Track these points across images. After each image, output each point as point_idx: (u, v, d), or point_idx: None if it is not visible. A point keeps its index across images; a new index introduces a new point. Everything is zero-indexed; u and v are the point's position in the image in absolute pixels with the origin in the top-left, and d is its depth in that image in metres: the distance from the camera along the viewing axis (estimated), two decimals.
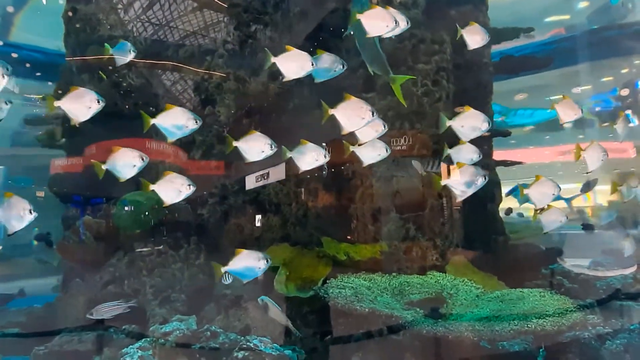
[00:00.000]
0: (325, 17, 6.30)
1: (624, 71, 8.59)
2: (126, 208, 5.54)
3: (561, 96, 4.01)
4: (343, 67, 3.62)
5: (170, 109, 3.46)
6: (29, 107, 7.05)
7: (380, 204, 5.53)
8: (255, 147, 3.62)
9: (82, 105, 3.33)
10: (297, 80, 6.73)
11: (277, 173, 6.21)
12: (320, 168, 5.21)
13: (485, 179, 3.72)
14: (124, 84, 6.16)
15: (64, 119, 6.40)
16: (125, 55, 4.05)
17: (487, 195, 6.40)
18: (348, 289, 4.46)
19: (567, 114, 3.98)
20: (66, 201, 6.34)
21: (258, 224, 6.17)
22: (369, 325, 4.27)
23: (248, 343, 4.22)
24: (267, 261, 3.61)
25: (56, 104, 3.32)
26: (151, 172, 6.35)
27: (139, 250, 5.63)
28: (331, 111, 3.63)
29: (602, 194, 6.60)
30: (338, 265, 5.01)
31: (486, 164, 6.47)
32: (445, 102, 5.61)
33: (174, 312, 5.17)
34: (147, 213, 5.57)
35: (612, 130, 4.65)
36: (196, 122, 3.47)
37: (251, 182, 6.24)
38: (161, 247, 5.67)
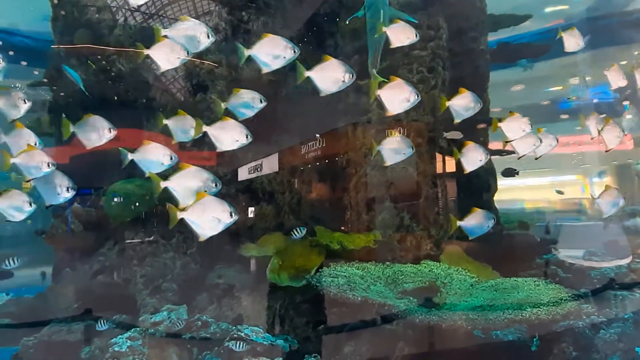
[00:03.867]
0: (320, 3, 6.18)
1: (623, 62, 8.50)
2: (115, 198, 5.45)
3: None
4: (352, 76, 3.37)
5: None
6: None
7: (375, 193, 5.46)
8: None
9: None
10: (291, 68, 6.64)
11: (270, 164, 6.14)
12: None
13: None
14: (114, 71, 6.03)
15: (52, 107, 6.30)
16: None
17: (483, 185, 6.35)
18: (341, 277, 4.41)
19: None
20: None
21: (251, 215, 6.10)
22: (362, 314, 4.23)
23: (239, 333, 4.17)
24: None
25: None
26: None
27: (129, 240, 5.54)
28: (378, 92, 3.53)
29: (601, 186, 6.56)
30: (331, 254, 4.95)
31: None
32: (441, 89, 5.52)
33: (165, 302, 5.10)
34: (137, 202, 5.48)
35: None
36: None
37: (244, 173, 6.16)
38: (152, 236, 5.59)
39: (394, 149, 3.82)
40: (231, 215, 2.92)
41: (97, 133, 3.43)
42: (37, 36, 6.99)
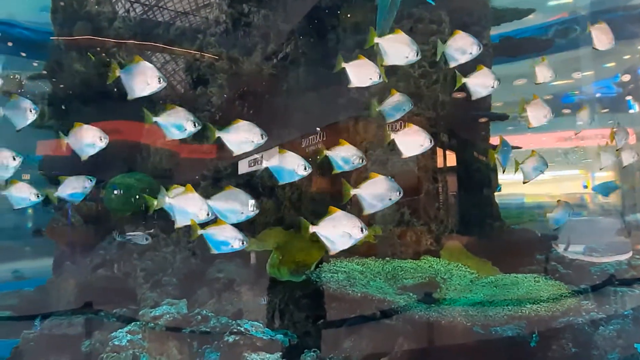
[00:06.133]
0: None
1: (626, 57, 8.44)
2: (115, 191, 5.44)
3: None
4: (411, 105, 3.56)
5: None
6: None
7: None
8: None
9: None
10: (291, 62, 6.58)
11: (271, 158, 6.10)
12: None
13: None
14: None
15: (51, 99, 6.27)
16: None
17: (484, 180, 6.33)
18: (341, 273, 4.41)
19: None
20: (56, 183, 6.22)
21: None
22: (361, 310, 4.24)
23: (239, 327, 4.18)
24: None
25: None
26: (142, 153, 6.29)
27: (129, 233, 5.54)
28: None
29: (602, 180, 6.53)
30: None
31: (483, 148, 6.39)
32: (442, 84, 5.48)
33: (165, 296, 5.12)
34: (137, 196, 5.47)
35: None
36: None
37: (244, 166, 6.13)
38: (152, 230, 5.58)
39: (412, 140, 3.65)
40: (362, 230, 3.04)
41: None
42: (36, 28, 6.94)
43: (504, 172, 4.04)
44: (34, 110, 3.52)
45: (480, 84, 3.65)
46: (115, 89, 6.39)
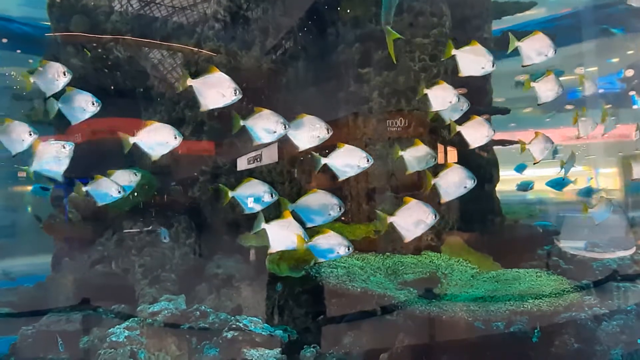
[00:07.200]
0: None
1: (629, 52, 8.36)
2: None
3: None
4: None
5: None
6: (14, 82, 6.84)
7: (375, 184, 5.40)
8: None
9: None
10: (291, 56, 6.52)
11: (270, 155, 6.06)
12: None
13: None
14: (110, 59, 5.94)
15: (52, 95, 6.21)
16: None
17: (485, 176, 6.29)
18: (340, 268, 4.38)
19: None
20: (52, 180, 6.19)
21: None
22: (361, 305, 4.20)
23: (238, 323, 4.15)
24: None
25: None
26: (139, 150, 6.24)
27: (128, 230, 5.51)
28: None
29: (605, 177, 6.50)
30: None
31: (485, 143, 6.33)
32: (443, 78, 5.42)
33: (164, 292, 5.08)
34: (135, 192, 5.42)
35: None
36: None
37: (243, 164, 6.09)
38: (150, 226, 5.55)
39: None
40: (435, 216, 3.17)
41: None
42: (33, 23, 6.89)
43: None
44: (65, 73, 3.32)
45: (548, 88, 3.66)
46: (112, 86, 6.40)
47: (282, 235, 3.15)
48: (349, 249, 3.15)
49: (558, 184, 6.04)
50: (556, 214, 6.99)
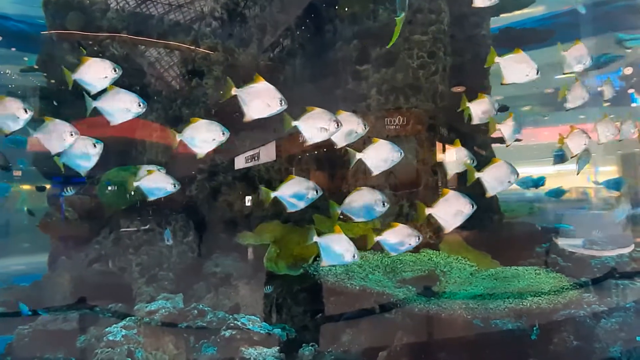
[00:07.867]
0: None
1: (628, 50, 8.35)
2: (109, 186, 5.36)
3: None
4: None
5: None
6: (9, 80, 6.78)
7: (374, 181, 5.36)
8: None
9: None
10: (288, 53, 6.48)
11: (268, 153, 6.03)
12: None
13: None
14: (107, 56, 5.88)
15: (43, 93, 6.17)
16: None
17: None
18: (339, 266, 4.35)
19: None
20: (50, 178, 6.16)
21: (248, 204, 6.02)
22: (360, 303, 4.18)
23: (236, 322, 4.13)
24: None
25: None
26: (137, 147, 6.21)
27: (125, 229, 5.47)
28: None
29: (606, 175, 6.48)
30: None
31: (483, 141, 6.32)
32: (442, 75, 5.40)
33: (161, 291, 5.05)
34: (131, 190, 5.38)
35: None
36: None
37: (240, 162, 6.05)
38: (147, 225, 5.51)
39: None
40: (472, 206, 3.24)
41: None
42: (28, 20, 6.83)
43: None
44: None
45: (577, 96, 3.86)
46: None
47: (333, 250, 3.24)
48: (419, 239, 3.23)
49: (557, 193, 6.22)
50: (554, 211, 6.98)
